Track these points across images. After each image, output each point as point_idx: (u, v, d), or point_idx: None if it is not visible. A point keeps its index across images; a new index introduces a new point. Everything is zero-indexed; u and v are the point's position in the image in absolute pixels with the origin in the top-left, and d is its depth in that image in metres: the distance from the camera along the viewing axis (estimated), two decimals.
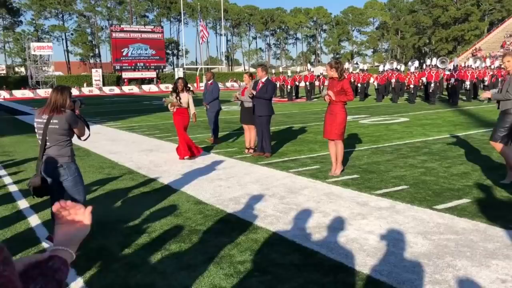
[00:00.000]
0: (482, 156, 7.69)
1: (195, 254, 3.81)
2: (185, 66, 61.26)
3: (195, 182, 6.39)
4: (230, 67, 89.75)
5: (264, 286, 3.19)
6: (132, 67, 52.37)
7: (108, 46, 71.04)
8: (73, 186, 4.04)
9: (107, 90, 46.94)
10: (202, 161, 8.00)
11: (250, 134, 8.77)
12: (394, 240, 4.02)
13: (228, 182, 6.36)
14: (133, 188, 6.19)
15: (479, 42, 68.29)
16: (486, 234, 4.07)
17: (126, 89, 48.15)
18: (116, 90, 47.39)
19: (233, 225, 4.52)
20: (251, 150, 8.68)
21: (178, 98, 8.15)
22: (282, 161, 7.84)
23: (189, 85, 8.50)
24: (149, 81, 53.37)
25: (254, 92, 8.06)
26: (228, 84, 53.09)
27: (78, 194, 4.04)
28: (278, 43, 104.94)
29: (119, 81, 50.82)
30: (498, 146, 5.91)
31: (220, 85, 47.73)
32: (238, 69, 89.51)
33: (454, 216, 4.58)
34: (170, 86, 50.95)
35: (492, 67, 25.41)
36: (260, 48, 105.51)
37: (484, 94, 6.25)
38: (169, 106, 8.28)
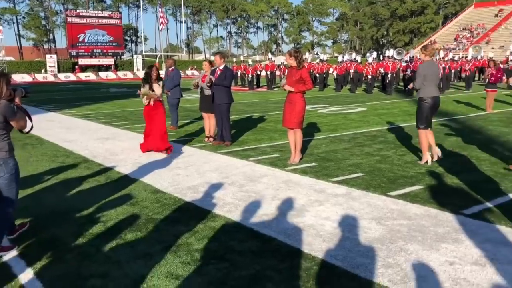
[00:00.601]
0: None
1: (151, 243, 3.76)
2: (144, 53, 59.99)
3: (153, 171, 6.28)
4: (190, 55, 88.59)
5: (221, 273, 3.18)
6: (89, 54, 50.69)
7: (63, 31, 68.52)
8: (8, 184, 3.59)
9: (62, 77, 45.26)
10: None
11: (209, 123, 8.70)
12: (349, 225, 4.10)
13: (187, 171, 6.30)
14: (88, 177, 6.02)
15: (434, 35, 70.41)
16: (436, 219, 4.22)
17: (83, 76, 46.60)
18: (72, 77, 45.80)
19: (191, 214, 4.49)
20: (211, 139, 8.63)
21: (151, 89, 7.40)
22: (242, 149, 7.83)
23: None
24: (107, 68, 51.89)
25: (213, 79, 7.99)
26: (189, 72, 52.39)
27: (10, 194, 3.61)
28: (240, 31, 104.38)
29: (75, 68, 49.12)
30: (421, 132, 6.55)
31: (180, 73, 47.19)
32: (199, 57, 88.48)
33: (407, 202, 4.73)
34: (128, 73, 49.85)
35: (446, 59, 26.26)
36: (221, 36, 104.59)
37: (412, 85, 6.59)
38: (143, 99, 7.50)
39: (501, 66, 22.93)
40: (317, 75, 25.99)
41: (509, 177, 5.70)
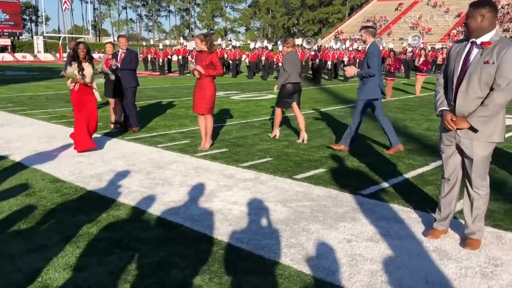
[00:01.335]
0: (339, 130, 8.37)
1: (49, 234, 3.54)
2: (45, 34, 55.90)
3: (52, 159, 5.91)
4: (98, 38, 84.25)
5: (124, 262, 3.09)
6: None
7: None
8: None
9: None
10: (62, 136, 7.42)
11: (115, 108, 8.35)
12: (256, 209, 4.19)
13: (90, 159, 6.00)
14: None
15: (341, 25, 73.70)
16: (337, 200, 4.45)
17: None
18: None
19: (93, 203, 4.29)
20: (117, 125, 8.30)
21: (80, 70, 6.35)
22: (150, 136, 7.63)
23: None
24: (2, 49, 47.64)
25: (118, 64, 7.67)
26: (96, 55, 49.84)
27: None
28: (150, 14, 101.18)
29: None
30: (277, 109, 7.47)
31: None
32: (107, 40, 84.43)
33: (311, 185, 4.93)
34: (27, 56, 46.21)
35: (350, 49, 27.61)
36: (131, 19, 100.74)
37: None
38: (68, 82, 6.45)
39: (400, 56, 24.64)
40: (230, 62, 26.05)
41: (403, 159, 6.16)
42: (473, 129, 3.18)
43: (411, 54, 26.78)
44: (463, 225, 3.53)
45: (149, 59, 28.95)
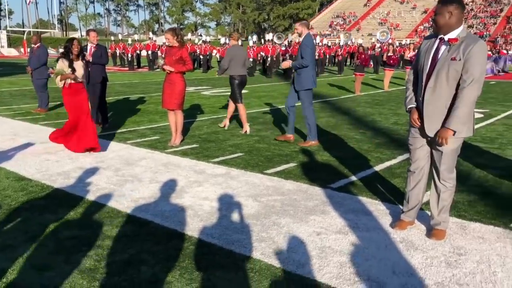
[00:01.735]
0: None
1: (14, 234, 3.44)
2: (9, 29, 54.08)
3: (17, 157, 5.74)
4: (64, 32, 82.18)
5: (92, 260, 3.04)
6: None
7: None
8: None
9: None
10: (27, 133, 7.22)
11: None
12: (227, 204, 4.19)
13: (57, 156, 5.87)
14: None
15: (311, 21, 74.11)
16: (307, 194, 4.50)
17: None
18: None
19: (60, 201, 4.19)
20: None
21: (71, 67, 5.97)
22: (119, 132, 7.51)
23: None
24: None
25: (90, 59, 7.51)
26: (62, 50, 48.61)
27: None
28: (119, 9, 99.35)
29: None
30: (239, 105, 7.69)
31: (53, 51, 43.43)
32: (74, 34, 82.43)
33: (281, 179, 4.96)
34: None
35: (320, 44, 27.82)
36: (99, 13, 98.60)
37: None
38: (57, 79, 5.95)
39: (369, 52, 25.01)
40: (201, 57, 25.88)
41: (371, 153, 6.27)
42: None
43: (380, 49, 27.22)
44: (429, 216, 3.62)
45: (117, 54, 28.42)
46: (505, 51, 28.36)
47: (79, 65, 6.04)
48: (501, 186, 4.80)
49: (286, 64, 6.92)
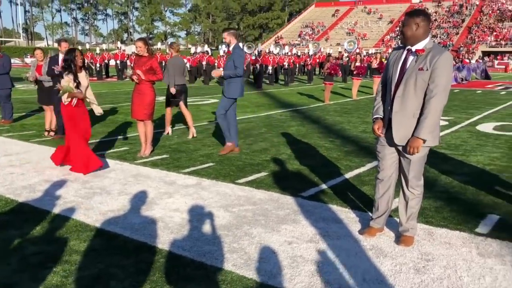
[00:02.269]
0: (279, 133, 8.50)
1: None
2: None
3: None
4: (30, 41, 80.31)
5: (59, 276, 2.95)
6: None
7: None
8: None
9: None
10: None
11: (50, 115, 8.00)
12: (198, 215, 4.15)
13: (23, 169, 5.70)
14: None
15: (280, 31, 74.94)
16: (278, 203, 4.51)
17: None
18: None
19: (25, 216, 4.07)
20: (52, 133, 7.94)
21: (76, 81, 5.55)
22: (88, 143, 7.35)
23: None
24: None
25: (60, 69, 7.34)
26: (28, 60, 47.45)
27: None
28: (87, 18, 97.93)
29: None
30: (167, 109, 8.39)
31: (17, 60, 42.34)
32: (41, 43, 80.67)
33: (253, 189, 4.96)
34: None
35: (289, 54, 28.15)
36: (66, 22, 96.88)
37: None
38: (64, 97, 5.54)
39: (337, 61, 25.43)
40: None
41: (341, 161, 6.36)
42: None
43: (347, 59, 27.73)
44: (397, 223, 3.69)
45: (85, 63, 27.97)
46: (467, 60, 29.36)
47: (83, 77, 5.66)
48: (466, 191, 4.94)
49: (218, 73, 6.73)
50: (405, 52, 3.38)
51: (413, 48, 3.32)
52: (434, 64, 3.19)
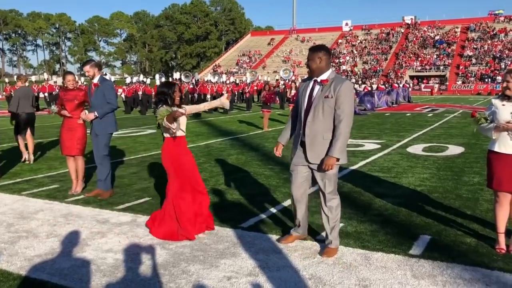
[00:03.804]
0: (219, 163, 8.44)
1: None
2: None
3: None
4: None
5: None
6: None
7: None
8: None
9: None
10: None
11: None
12: (133, 255, 3.97)
13: None
14: None
15: (218, 59, 75.69)
16: (217, 236, 4.42)
17: None
18: None
19: None
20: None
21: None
22: (13, 182, 6.92)
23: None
24: None
25: None
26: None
27: None
28: (15, 49, 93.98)
29: None
30: (18, 137, 8.81)
31: None
32: None
33: None
34: None
35: (227, 82, 28.41)
36: None
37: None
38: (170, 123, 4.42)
39: (274, 89, 25.95)
40: None
41: (280, 188, 6.39)
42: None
43: (284, 86, 28.39)
44: (324, 237, 4.02)
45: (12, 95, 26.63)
46: (396, 85, 31.00)
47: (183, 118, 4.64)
48: (399, 214, 5.10)
49: (90, 116, 5.97)
50: (312, 82, 3.85)
51: (319, 79, 3.79)
52: (338, 92, 3.66)
